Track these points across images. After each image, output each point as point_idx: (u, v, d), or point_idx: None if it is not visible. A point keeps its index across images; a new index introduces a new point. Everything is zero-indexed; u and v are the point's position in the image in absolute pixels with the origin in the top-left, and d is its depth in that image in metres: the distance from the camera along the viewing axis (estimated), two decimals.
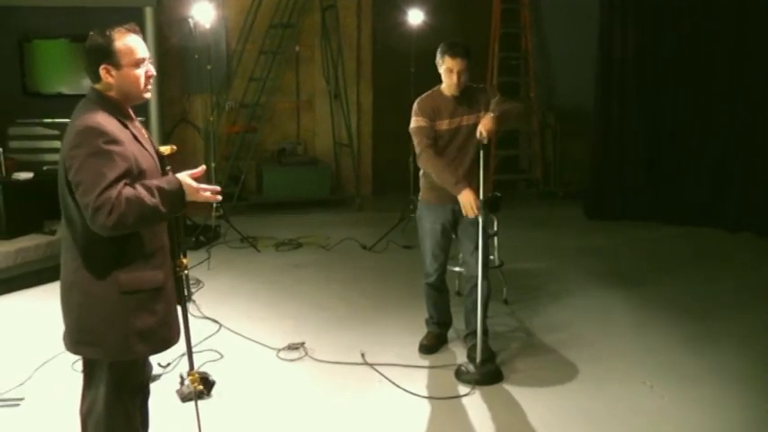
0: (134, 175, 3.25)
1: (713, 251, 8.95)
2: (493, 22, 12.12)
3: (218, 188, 3.50)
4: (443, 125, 5.52)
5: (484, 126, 5.22)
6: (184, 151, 3.41)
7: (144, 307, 3.39)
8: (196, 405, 4.01)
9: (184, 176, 3.39)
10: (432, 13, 9.67)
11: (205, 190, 3.40)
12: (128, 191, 3.17)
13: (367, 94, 12.32)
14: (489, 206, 5.43)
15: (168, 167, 3.53)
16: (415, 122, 5.58)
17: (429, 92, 5.66)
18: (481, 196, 5.31)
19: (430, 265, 5.85)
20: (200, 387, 4.27)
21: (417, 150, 5.57)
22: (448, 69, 5.42)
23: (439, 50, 5.49)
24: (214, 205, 9.15)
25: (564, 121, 12.06)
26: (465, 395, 5.22)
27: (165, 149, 3.59)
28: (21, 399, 5.16)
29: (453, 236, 5.90)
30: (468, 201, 5.29)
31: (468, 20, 11.88)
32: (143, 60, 3.37)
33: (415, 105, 5.62)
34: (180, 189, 3.34)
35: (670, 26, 10.21)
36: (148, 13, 10.20)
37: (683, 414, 4.93)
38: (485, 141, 5.25)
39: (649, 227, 10.06)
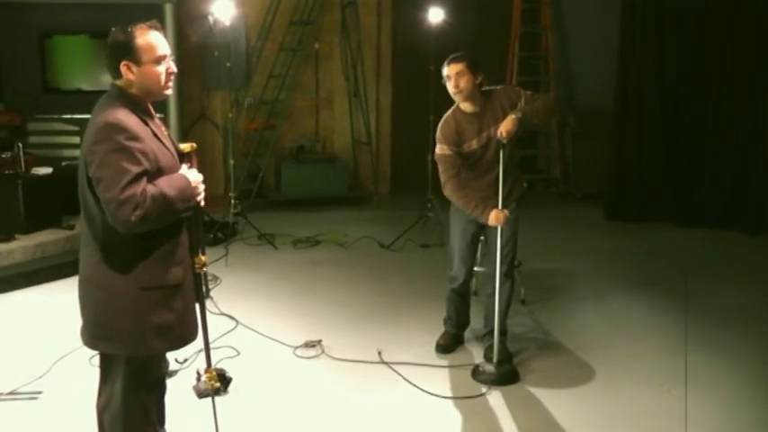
0: (153, 172, 3.27)
1: (732, 254, 8.89)
2: (513, 21, 12.08)
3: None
4: (472, 145, 5.43)
5: (504, 127, 5.19)
6: (203, 148, 3.42)
7: (162, 303, 3.40)
8: (213, 403, 4.03)
9: (187, 171, 3.46)
10: (452, 11, 9.63)
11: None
12: (151, 188, 3.19)
13: (386, 92, 12.30)
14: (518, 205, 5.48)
15: (189, 164, 3.54)
16: (439, 150, 5.47)
17: (449, 112, 5.52)
18: (500, 195, 5.30)
19: (458, 270, 5.83)
20: (218, 385, 4.27)
21: (442, 179, 5.47)
22: (446, 78, 5.34)
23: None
24: (232, 202, 9.18)
25: (583, 121, 11.99)
26: (482, 395, 5.22)
27: (186, 147, 3.60)
28: (39, 392, 5.19)
29: (482, 237, 5.89)
30: (495, 221, 5.29)
31: (488, 19, 11.86)
32: (164, 57, 3.38)
33: (438, 131, 5.50)
34: (189, 184, 3.37)
35: (691, 27, 10.15)
36: (168, 9, 10.23)
37: (702, 417, 4.90)
38: (504, 141, 5.22)
39: (668, 229, 10.00)
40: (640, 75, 10.44)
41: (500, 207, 5.29)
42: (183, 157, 3.56)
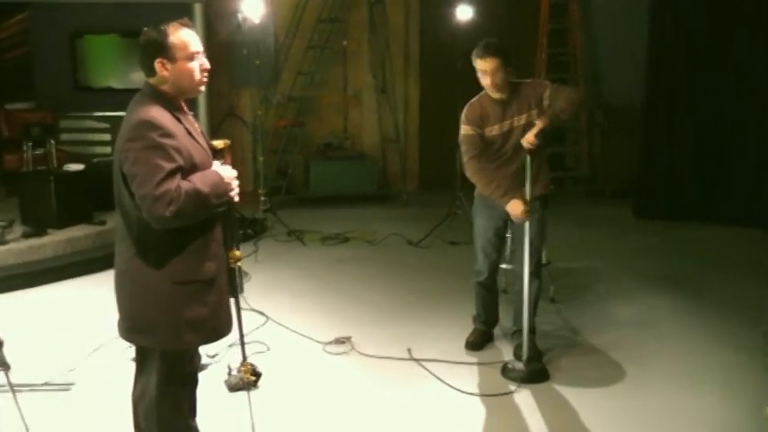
0: (187, 168, 3.30)
1: (764, 253, 8.82)
2: (541, 18, 12.02)
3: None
4: (494, 131, 5.46)
5: (527, 140, 5.20)
6: (232, 145, 3.46)
7: (196, 298, 3.43)
8: (249, 396, 4.06)
9: (220, 167, 3.50)
10: (479, 8, 9.62)
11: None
12: (185, 184, 3.22)
13: (414, 89, 12.31)
14: (542, 203, 5.47)
15: (222, 161, 3.57)
16: (463, 130, 5.51)
17: (477, 97, 5.57)
18: (527, 187, 5.30)
19: (481, 264, 5.83)
20: (253, 378, 4.30)
21: (464, 159, 5.52)
22: (480, 71, 5.34)
23: (472, 54, 5.39)
24: (261, 199, 9.23)
25: (612, 118, 11.94)
26: (510, 393, 5.21)
27: (219, 143, 3.62)
28: (71, 384, 5.26)
29: (508, 234, 5.89)
30: (514, 210, 5.28)
31: (516, 15, 11.86)
32: (197, 54, 3.41)
33: (463, 113, 5.55)
34: (222, 180, 3.40)
35: (722, 23, 10.06)
36: (197, 8, 10.28)
37: (731, 418, 4.88)
38: (530, 149, 5.23)
39: (699, 227, 9.93)
40: (670, 71, 10.36)
41: (527, 198, 5.29)
42: (217, 154, 3.59)
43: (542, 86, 5.47)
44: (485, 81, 5.36)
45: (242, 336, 3.87)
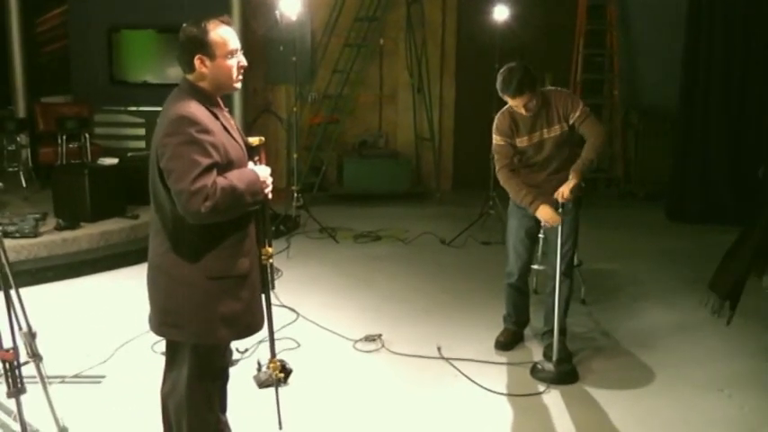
0: (223, 164, 3.32)
1: None
2: (578, 19, 11.97)
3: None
4: (523, 142, 5.49)
5: (562, 195, 5.27)
6: (267, 142, 3.48)
7: (229, 293, 3.46)
8: (276, 392, 4.08)
9: (256, 167, 3.53)
10: (517, 8, 9.60)
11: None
12: (221, 180, 3.25)
13: (450, 88, 12.30)
14: (575, 204, 5.47)
15: (257, 158, 3.60)
16: (495, 140, 5.57)
17: (507, 106, 5.55)
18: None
19: (513, 264, 5.83)
20: (281, 375, 4.32)
21: (497, 168, 5.59)
22: (513, 105, 5.38)
23: (497, 85, 5.40)
24: (295, 195, 9.26)
25: (647, 120, 11.88)
26: (540, 393, 5.21)
27: (255, 141, 3.65)
28: (102, 376, 5.32)
29: (541, 234, 5.89)
30: (544, 216, 5.31)
31: (553, 15, 11.80)
32: (236, 51, 3.44)
33: (494, 122, 5.59)
34: (258, 179, 3.42)
35: (758, 26, 9.98)
36: (235, 3, 10.35)
37: (762, 424, 4.85)
38: (562, 203, 5.31)
39: (732, 231, 9.74)
40: (706, 74, 10.29)
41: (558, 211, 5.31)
42: (252, 151, 3.61)
43: (574, 105, 5.45)
44: (520, 111, 5.38)
45: (272, 332, 3.89)
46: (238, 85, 3.50)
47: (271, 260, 3.72)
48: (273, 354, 3.96)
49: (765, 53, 9.99)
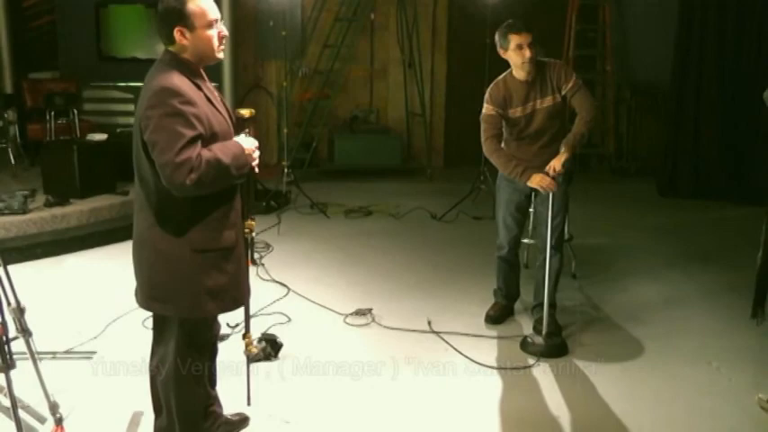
0: (207, 136, 3.30)
1: None
2: None
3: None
4: (516, 112, 5.46)
5: (553, 169, 5.25)
6: (257, 117, 3.46)
7: (215, 266, 3.45)
8: (248, 369, 4.13)
9: (242, 138, 3.51)
10: None
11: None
12: (206, 153, 3.23)
13: (441, 64, 12.27)
14: (566, 178, 5.45)
15: (247, 130, 3.58)
16: (485, 110, 5.51)
17: (501, 77, 5.54)
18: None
19: (503, 237, 5.83)
20: (255, 350, 4.29)
21: (482, 138, 5.52)
22: (518, 46, 5.29)
23: (499, 35, 5.38)
24: (285, 171, 9.24)
25: (639, 95, 11.86)
26: (530, 366, 5.22)
27: (245, 112, 3.64)
28: (93, 352, 5.31)
29: (531, 209, 5.88)
30: (539, 182, 5.27)
31: None
32: (215, 21, 3.41)
33: (487, 92, 5.55)
34: (243, 152, 3.40)
35: (750, 4, 9.97)
36: None
37: (750, 396, 4.85)
38: (553, 176, 5.28)
39: (723, 206, 9.87)
40: (699, 49, 10.29)
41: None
42: (242, 123, 3.59)
43: (567, 75, 5.43)
44: (523, 56, 5.30)
45: (247, 308, 3.90)
46: (221, 54, 3.47)
47: (252, 234, 3.71)
48: (248, 329, 3.96)
49: (759, 29, 9.96)
